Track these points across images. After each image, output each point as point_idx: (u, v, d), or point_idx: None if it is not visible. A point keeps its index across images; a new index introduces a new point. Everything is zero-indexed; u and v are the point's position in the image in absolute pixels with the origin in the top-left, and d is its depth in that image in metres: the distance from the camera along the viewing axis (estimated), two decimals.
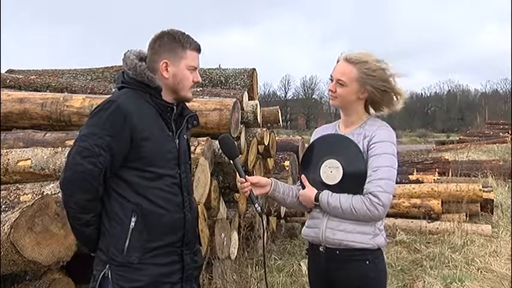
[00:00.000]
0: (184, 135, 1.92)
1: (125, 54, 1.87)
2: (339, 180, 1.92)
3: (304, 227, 2.06)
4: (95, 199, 1.73)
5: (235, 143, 2.12)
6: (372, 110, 2.03)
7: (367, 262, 1.88)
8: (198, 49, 1.88)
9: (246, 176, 1.99)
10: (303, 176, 2.02)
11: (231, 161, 2.03)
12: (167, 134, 1.83)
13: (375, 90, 1.92)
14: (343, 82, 1.92)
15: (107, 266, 1.75)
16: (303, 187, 2.01)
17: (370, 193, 1.83)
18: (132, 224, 1.74)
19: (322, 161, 1.97)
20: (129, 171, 1.76)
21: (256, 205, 1.98)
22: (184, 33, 1.86)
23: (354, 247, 1.87)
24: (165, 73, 1.82)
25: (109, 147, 1.70)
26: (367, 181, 1.85)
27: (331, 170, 1.94)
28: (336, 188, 1.92)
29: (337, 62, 1.98)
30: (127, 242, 1.73)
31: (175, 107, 1.87)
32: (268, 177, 2.09)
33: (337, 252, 1.90)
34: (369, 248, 1.88)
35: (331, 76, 1.98)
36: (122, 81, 1.86)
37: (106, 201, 1.77)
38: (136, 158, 1.75)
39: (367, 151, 1.89)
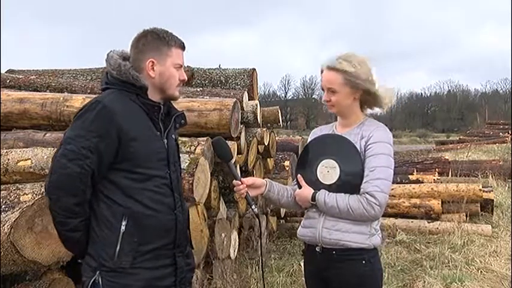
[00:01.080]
0: (173, 135, 1.89)
1: (108, 55, 1.83)
2: (335, 180, 1.93)
3: (300, 227, 2.05)
4: (82, 203, 1.68)
5: (229, 145, 2.12)
6: (368, 110, 2.05)
7: (363, 262, 1.90)
8: (182, 46, 1.85)
9: (242, 178, 1.99)
10: (299, 175, 2.03)
11: (226, 164, 2.02)
12: (155, 134, 1.79)
13: (365, 89, 1.94)
14: (334, 89, 1.94)
15: (97, 272, 1.70)
16: (299, 187, 2.01)
17: (367, 193, 1.84)
18: (123, 227, 1.69)
19: (319, 161, 1.97)
20: (118, 173, 1.72)
21: (253, 206, 1.97)
22: (167, 31, 1.83)
23: (350, 247, 1.88)
24: (152, 72, 1.79)
25: (96, 149, 1.65)
26: (364, 181, 1.86)
27: (328, 170, 1.95)
28: (332, 188, 1.92)
29: (321, 71, 1.99)
30: (118, 247, 1.68)
31: (162, 106, 1.83)
32: (265, 178, 2.09)
33: (334, 252, 1.91)
34: (365, 248, 1.89)
35: (322, 88, 2.00)
36: (106, 82, 1.82)
37: (94, 205, 1.72)
38: (124, 159, 1.71)
39: (364, 151, 1.90)
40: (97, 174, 1.69)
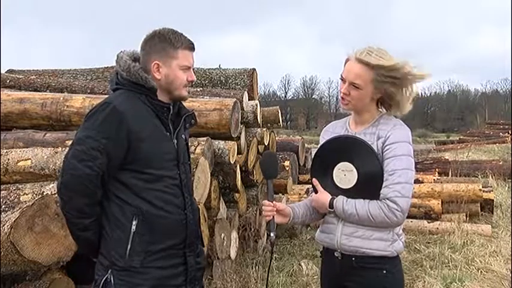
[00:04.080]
0: (183, 135, 1.89)
1: (118, 56, 1.84)
2: (353, 183, 1.82)
3: (318, 231, 1.97)
4: (93, 203, 1.70)
5: (279, 164, 2.08)
6: (383, 110, 1.91)
7: (384, 271, 1.80)
8: (190, 47, 1.84)
9: (274, 202, 1.90)
10: (314, 179, 1.92)
11: (266, 181, 1.95)
12: (164, 135, 1.80)
13: (389, 91, 1.80)
14: (359, 85, 1.78)
15: (109, 271, 1.72)
16: (315, 191, 1.92)
17: (387, 199, 1.73)
18: (133, 227, 1.71)
19: (334, 164, 1.86)
20: (128, 174, 1.73)
21: (272, 234, 1.89)
22: (175, 32, 1.82)
23: (371, 255, 1.78)
24: (157, 74, 1.79)
25: (106, 150, 1.67)
26: (383, 185, 1.75)
27: (345, 173, 1.84)
28: (350, 192, 1.82)
29: (346, 61, 1.83)
30: (129, 246, 1.71)
31: (171, 107, 1.84)
32: (288, 204, 1.98)
33: (353, 259, 1.81)
34: (387, 256, 1.80)
35: (341, 77, 1.84)
36: (116, 82, 1.83)
37: (105, 205, 1.74)
38: (134, 159, 1.72)
39: (382, 153, 1.78)
40: (107, 175, 1.70)
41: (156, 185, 1.76)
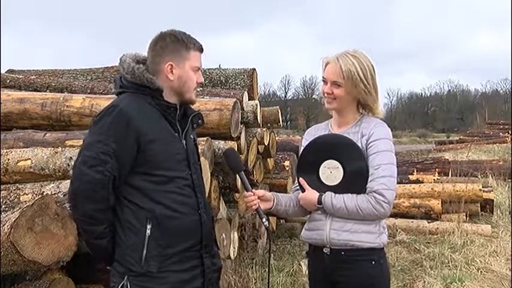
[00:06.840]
0: (191, 135, 1.88)
1: (120, 59, 1.83)
2: (339, 180, 1.90)
3: (304, 230, 2.02)
4: (106, 209, 1.68)
5: (240, 156, 2.10)
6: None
7: (373, 262, 1.87)
8: (200, 49, 1.85)
9: (253, 190, 1.94)
10: (301, 179, 1.99)
11: (237, 175, 1.99)
12: (173, 135, 1.79)
13: (366, 88, 1.92)
14: (339, 83, 1.91)
15: (125, 277, 1.69)
16: (302, 190, 1.98)
17: (374, 191, 1.82)
18: (148, 231, 1.68)
19: (320, 162, 1.94)
20: (139, 177, 1.71)
21: (264, 220, 1.92)
22: (186, 34, 1.82)
23: (361, 247, 1.85)
24: (171, 75, 1.78)
25: (115, 153, 1.65)
26: (369, 179, 1.84)
27: (331, 171, 1.91)
28: (337, 189, 1.89)
29: (326, 64, 1.96)
30: (144, 251, 1.68)
31: (178, 107, 1.82)
32: (269, 190, 2.05)
33: (343, 253, 1.87)
34: (375, 247, 1.87)
35: (324, 78, 1.96)
36: (120, 86, 1.81)
37: (118, 210, 1.72)
38: (144, 162, 1.70)
39: (366, 149, 1.88)
40: (118, 179, 1.68)
41: (168, 187, 1.73)
